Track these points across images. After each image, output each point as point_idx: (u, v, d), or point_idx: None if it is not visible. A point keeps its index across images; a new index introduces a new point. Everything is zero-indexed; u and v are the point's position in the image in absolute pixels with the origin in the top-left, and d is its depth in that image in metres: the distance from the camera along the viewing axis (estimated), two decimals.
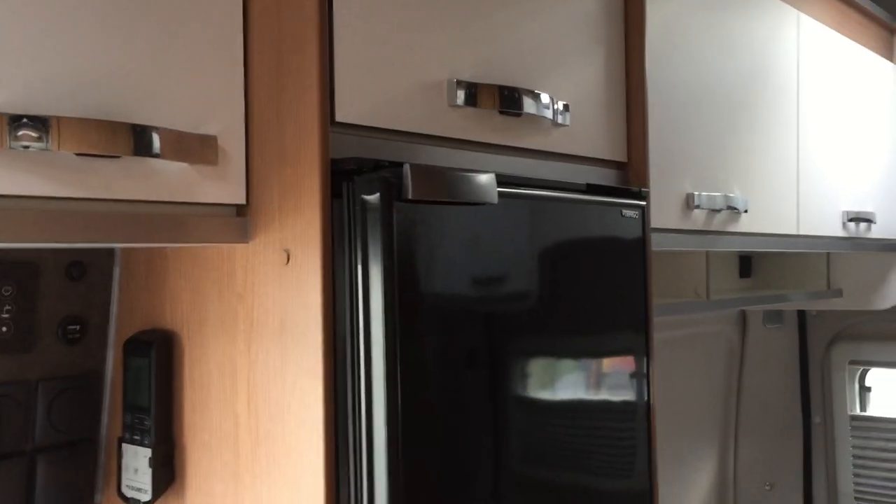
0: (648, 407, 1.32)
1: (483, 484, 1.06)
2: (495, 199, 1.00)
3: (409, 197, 0.90)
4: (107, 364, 1.09)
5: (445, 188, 0.95)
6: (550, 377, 1.16)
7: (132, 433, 1.03)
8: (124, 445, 1.04)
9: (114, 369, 1.09)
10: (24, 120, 0.75)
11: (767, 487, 2.83)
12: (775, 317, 2.79)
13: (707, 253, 2.07)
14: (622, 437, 1.30)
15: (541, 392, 1.14)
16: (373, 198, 0.90)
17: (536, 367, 1.14)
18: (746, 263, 2.62)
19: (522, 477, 1.12)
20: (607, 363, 1.27)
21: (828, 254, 2.54)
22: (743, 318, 2.68)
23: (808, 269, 2.59)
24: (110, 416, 1.09)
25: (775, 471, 2.86)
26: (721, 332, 2.62)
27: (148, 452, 1.01)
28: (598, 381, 1.25)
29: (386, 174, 0.90)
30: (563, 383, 1.19)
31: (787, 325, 2.86)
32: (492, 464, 1.07)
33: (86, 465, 1.08)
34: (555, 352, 1.17)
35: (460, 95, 1.05)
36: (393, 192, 0.90)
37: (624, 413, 1.30)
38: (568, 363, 1.20)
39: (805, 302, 2.58)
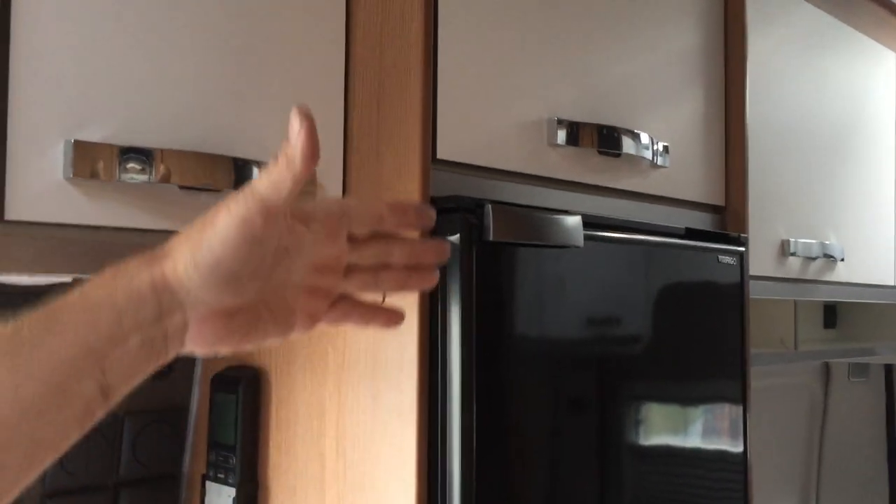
0: (745, 458, 1.26)
1: None
2: (581, 243, 0.96)
3: (490, 238, 0.87)
4: (192, 399, 1.08)
5: (528, 230, 0.92)
6: (647, 424, 1.11)
7: (216, 471, 1.01)
8: (208, 483, 1.02)
9: (199, 405, 1.08)
10: (130, 153, 0.74)
11: None
12: (861, 370, 2.68)
13: (795, 302, 1.99)
14: (718, 487, 1.24)
15: (637, 439, 1.09)
16: (454, 238, 0.87)
17: (632, 414, 1.09)
18: (831, 313, 2.52)
19: None
20: (704, 412, 1.21)
21: None
22: (826, 370, 2.57)
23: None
24: (194, 452, 1.08)
25: None
26: (804, 385, 2.52)
27: (232, 492, 0.99)
28: (694, 430, 1.19)
29: (467, 214, 0.87)
30: (659, 430, 1.13)
31: (873, 379, 2.74)
32: None
33: (167, 501, 1.06)
34: (650, 398, 1.12)
35: (560, 134, 1.02)
36: (474, 232, 0.87)
37: (721, 463, 1.23)
38: (663, 410, 1.15)
39: (894, 356, 2.47)
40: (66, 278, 0.78)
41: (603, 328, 1.06)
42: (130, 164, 0.74)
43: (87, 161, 0.72)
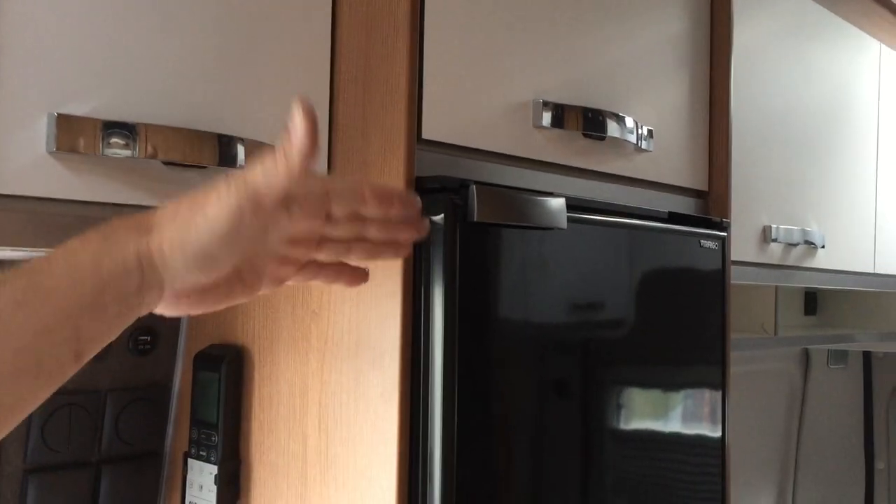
0: (724, 443, 1.27)
1: None
2: (564, 225, 0.96)
3: (475, 219, 0.88)
4: (175, 377, 1.08)
5: (512, 211, 0.93)
6: (626, 407, 1.12)
7: (198, 448, 1.01)
8: (190, 461, 1.02)
9: (182, 382, 1.08)
10: (114, 128, 0.74)
11: None
12: (840, 357, 2.71)
13: (776, 288, 2.01)
14: (697, 471, 1.25)
15: (617, 422, 1.10)
16: (438, 218, 0.87)
17: (612, 396, 1.10)
18: (811, 301, 2.54)
19: None
20: (684, 396, 1.23)
21: None
22: (806, 357, 2.60)
23: (876, 308, 2.50)
24: (176, 429, 1.08)
25: None
26: (783, 371, 2.54)
27: (214, 469, 0.99)
28: (674, 414, 1.20)
29: (452, 195, 0.87)
30: (638, 413, 1.14)
31: (852, 366, 2.77)
32: (560, 493, 1.03)
33: (150, 478, 1.06)
34: (630, 382, 1.13)
35: (546, 116, 1.02)
36: (458, 213, 0.88)
37: (699, 447, 1.25)
38: (643, 393, 1.16)
39: (874, 343, 2.49)
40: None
41: (585, 311, 1.06)
42: (114, 139, 0.74)
43: (71, 135, 0.71)
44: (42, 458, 0.98)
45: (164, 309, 0.55)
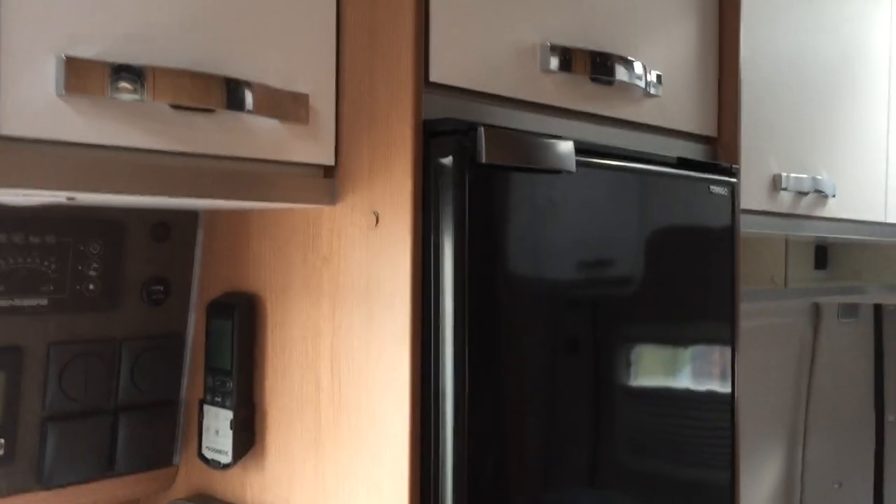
0: (733, 398, 1.28)
1: (565, 468, 1.03)
2: (573, 167, 0.96)
3: (483, 161, 0.88)
4: (189, 325, 1.09)
5: (521, 153, 0.93)
6: (633, 363, 1.13)
7: (213, 395, 1.02)
8: (206, 407, 1.03)
9: (195, 331, 1.09)
10: (122, 72, 0.74)
11: (836, 486, 2.75)
12: (850, 311, 2.70)
13: (787, 240, 2.01)
14: (707, 427, 1.26)
15: (624, 379, 1.11)
16: (446, 161, 0.87)
17: (619, 351, 1.10)
18: (822, 253, 2.53)
19: (608, 463, 1.08)
20: (692, 351, 1.23)
21: None
22: (816, 310, 2.60)
23: (887, 261, 2.49)
24: (191, 377, 1.09)
25: (845, 469, 2.77)
26: (793, 325, 2.55)
27: (229, 415, 1.01)
28: (682, 369, 1.21)
29: (460, 136, 0.87)
30: (647, 370, 1.15)
31: (863, 319, 2.77)
32: (573, 449, 1.04)
33: (166, 425, 1.08)
34: (637, 336, 1.14)
35: (553, 60, 1.02)
36: (466, 155, 0.88)
37: (709, 403, 1.25)
38: (651, 349, 1.16)
39: (885, 295, 2.49)
40: (61, 197, 0.79)
41: (594, 256, 1.06)
42: (122, 83, 0.74)
43: (80, 78, 0.72)
44: (60, 406, 0.99)
45: None
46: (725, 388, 1.27)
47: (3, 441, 0.95)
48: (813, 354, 2.62)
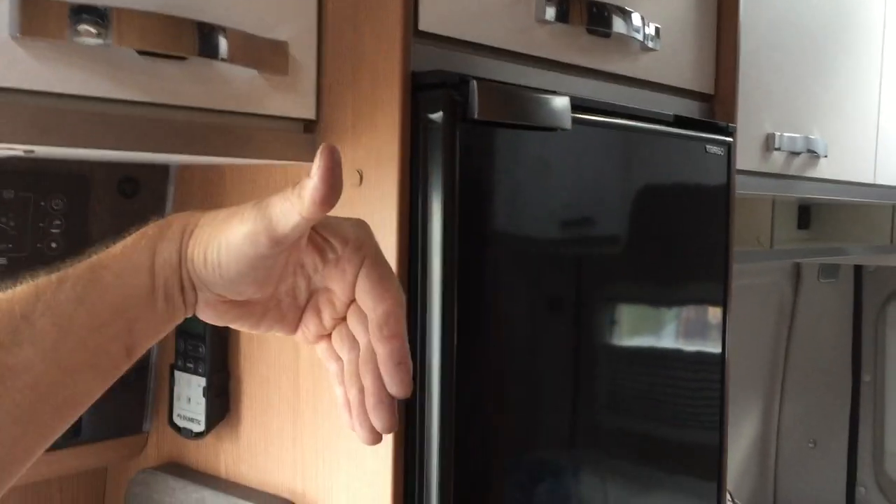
0: (723, 358, 1.25)
1: (553, 429, 1.00)
2: (569, 125, 0.91)
3: (475, 117, 0.82)
4: None
5: (515, 109, 0.87)
6: (625, 322, 1.09)
7: (185, 360, 0.97)
8: (177, 373, 0.98)
9: None
10: (83, 12, 0.67)
11: (811, 444, 2.77)
12: (831, 271, 2.69)
13: (773, 200, 1.97)
14: (695, 387, 1.23)
15: (615, 339, 1.07)
16: (436, 116, 0.82)
17: (612, 310, 1.06)
18: (805, 214, 2.51)
19: (595, 423, 1.05)
20: (683, 311, 1.20)
21: (893, 206, 2.42)
22: (797, 271, 2.58)
23: (869, 222, 2.47)
24: (161, 342, 1.03)
25: (820, 428, 2.79)
26: (774, 285, 2.53)
27: (202, 381, 0.96)
28: (672, 330, 1.17)
29: (451, 91, 0.82)
30: (638, 330, 1.11)
31: (843, 280, 2.76)
32: (560, 409, 1.01)
33: (135, 392, 1.03)
34: (629, 296, 1.10)
35: (549, 10, 0.96)
36: (458, 110, 0.82)
37: (700, 364, 1.22)
38: (642, 309, 1.13)
39: (867, 256, 2.48)
40: (18, 150, 0.73)
41: (586, 215, 1.02)
42: (83, 26, 0.67)
43: (36, 19, 0.65)
44: None
45: (207, 317, 0.55)
46: (716, 349, 1.25)
47: None
48: (792, 314, 2.62)
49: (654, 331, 1.14)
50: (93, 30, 0.68)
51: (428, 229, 0.84)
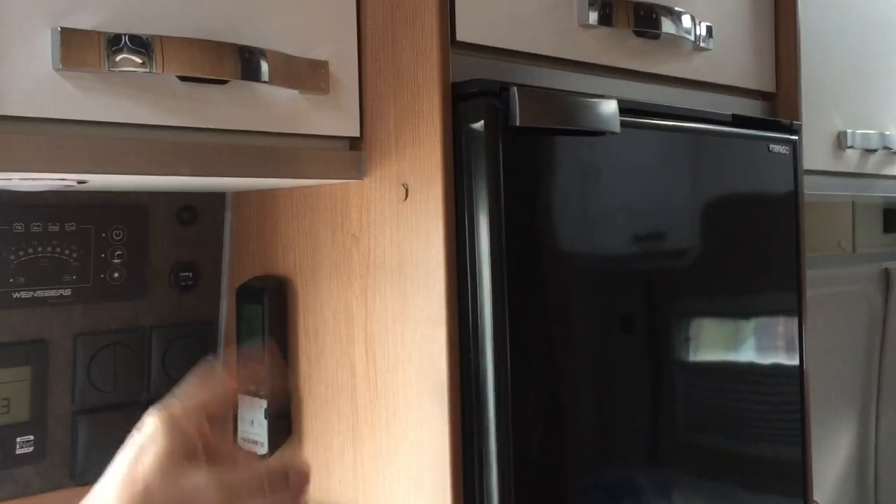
0: (802, 370, 1.19)
1: (624, 450, 0.97)
2: (617, 128, 0.89)
3: (518, 124, 0.81)
4: (220, 312, 1.05)
5: (559, 114, 0.85)
6: (694, 338, 1.05)
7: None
8: (240, 396, 0.99)
9: (227, 317, 1.05)
10: (125, 41, 0.69)
11: None
12: None
13: (853, 204, 1.90)
14: (774, 402, 1.18)
15: (684, 355, 1.03)
16: (477, 125, 0.81)
17: (678, 326, 1.03)
18: (891, 217, 2.40)
19: (672, 441, 1.02)
20: (755, 323, 1.15)
21: None
22: (886, 277, 2.47)
23: None
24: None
25: None
26: (862, 292, 2.42)
27: (264, 404, 0.96)
28: (745, 343, 1.12)
29: (491, 99, 0.81)
30: (708, 345, 1.07)
31: None
32: (635, 427, 0.98)
33: None
34: (696, 310, 1.06)
35: (592, 14, 0.94)
36: (499, 118, 0.81)
37: (777, 377, 1.17)
38: (711, 323, 1.09)
39: None
40: (71, 181, 0.75)
41: (644, 224, 0.99)
42: (125, 55, 0.69)
43: (77, 50, 0.67)
44: (90, 399, 0.96)
45: None
46: (793, 361, 1.19)
47: (32, 437, 0.92)
48: (884, 323, 2.50)
49: (725, 345, 1.10)
50: (136, 59, 0.69)
51: (476, 242, 0.83)
